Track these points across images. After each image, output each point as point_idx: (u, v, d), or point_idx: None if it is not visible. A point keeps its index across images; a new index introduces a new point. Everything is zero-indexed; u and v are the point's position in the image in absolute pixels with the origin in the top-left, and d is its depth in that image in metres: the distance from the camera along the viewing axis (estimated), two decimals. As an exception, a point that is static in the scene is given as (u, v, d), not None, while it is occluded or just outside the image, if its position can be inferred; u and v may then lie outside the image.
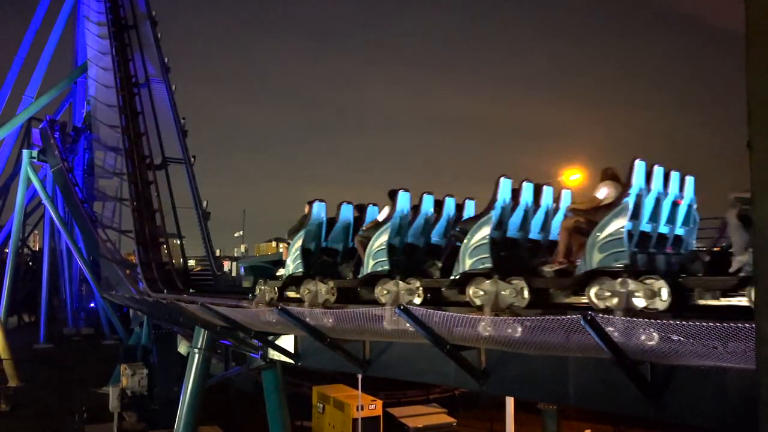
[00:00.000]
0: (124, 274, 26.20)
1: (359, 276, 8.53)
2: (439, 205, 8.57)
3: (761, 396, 3.60)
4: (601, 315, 5.33)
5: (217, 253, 35.73)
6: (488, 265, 6.86)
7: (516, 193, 7.27)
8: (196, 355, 16.40)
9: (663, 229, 6.55)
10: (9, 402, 26.91)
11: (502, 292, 6.57)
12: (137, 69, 35.52)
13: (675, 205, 6.67)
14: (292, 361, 12.00)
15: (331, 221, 9.56)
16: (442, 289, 7.66)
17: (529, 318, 5.92)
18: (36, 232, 62.47)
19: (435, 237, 8.47)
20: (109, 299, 33.73)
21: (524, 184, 7.35)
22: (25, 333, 46.95)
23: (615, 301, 5.84)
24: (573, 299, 6.62)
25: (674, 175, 6.62)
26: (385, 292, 7.99)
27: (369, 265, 8.26)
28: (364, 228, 8.93)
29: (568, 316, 5.38)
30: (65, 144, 37.28)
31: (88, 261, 36.74)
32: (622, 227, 5.93)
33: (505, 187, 7.13)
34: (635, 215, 6.09)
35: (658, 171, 6.32)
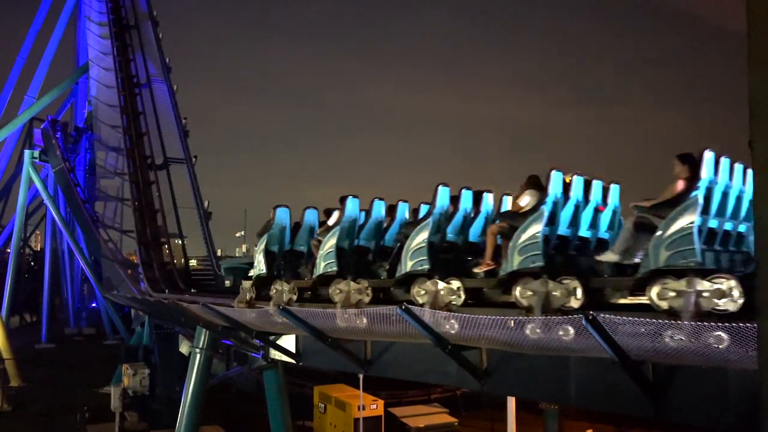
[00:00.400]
0: (125, 274, 26.25)
1: (314, 276, 9.13)
2: (393, 209, 9.00)
3: (763, 395, 3.60)
4: (602, 315, 5.30)
5: (219, 253, 35.81)
6: (426, 266, 7.42)
7: (455, 199, 7.81)
8: (198, 355, 16.40)
9: (585, 233, 6.80)
10: (11, 402, 26.96)
11: (441, 292, 7.07)
12: (138, 69, 35.59)
13: (597, 211, 6.94)
14: (293, 361, 12.01)
15: (296, 225, 10.15)
16: (391, 288, 8.24)
17: (529, 318, 5.93)
18: (38, 232, 62.63)
19: (387, 240, 9.01)
20: (111, 299, 33.78)
21: (463, 191, 7.86)
22: (26, 333, 46.99)
23: (535, 299, 6.20)
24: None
25: (596, 184, 6.89)
26: (338, 291, 8.53)
27: (321, 267, 8.80)
28: (318, 232, 9.52)
29: (569, 316, 5.38)
30: (67, 144, 37.31)
31: (90, 261, 36.74)
32: (538, 232, 6.27)
33: (443, 194, 7.74)
34: (552, 221, 6.43)
35: (577, 180, 6.67)
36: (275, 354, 12.80)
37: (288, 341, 12.06)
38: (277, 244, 9.95)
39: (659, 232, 5.64)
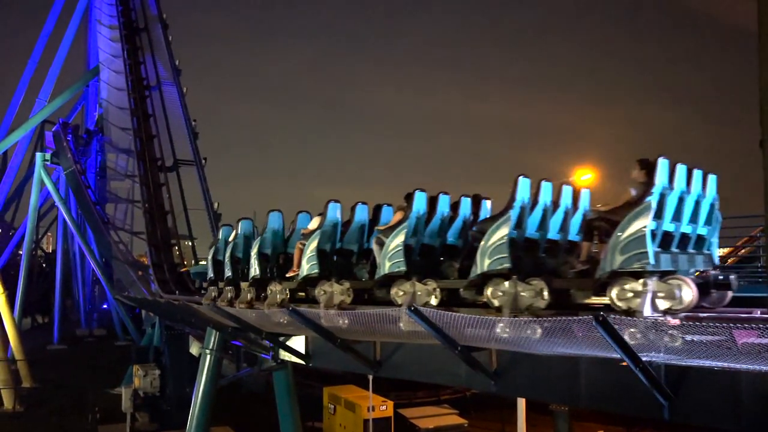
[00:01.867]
0: (136, 275, 26.38)
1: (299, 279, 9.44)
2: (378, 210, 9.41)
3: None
4: (613, 316, 5.29)
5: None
6: (403, 268, 7.66)
7: (433, 203, 8.00)
8: (208, 356, 16.49)
9: (554, 236, 7.16)
10: (23, 402, 27.19)
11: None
12: (148, 71, 35.76)
13: (567, 214, 7.27)
14: (303, 362, 12.04)
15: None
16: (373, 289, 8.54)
17: (545, 319, 5.91)
18: (49, 234, 63.15)
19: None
20: (122, 300, 33.98)
21: (440, 195, 8.04)
22: (38, 334, 47.35)
23: (505, 299, 6.50)
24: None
25: (566, 189, 7.16)
26: (322, 292, 8.81)
27: (305, 269, 9.12)
28: (302, 234, 9.73)
29: (581, 317, 5.36)
30: (78, 146, 37.50)
31: (101, 263, 36.96)
32: (505, 235, 6.60)
33: (419, 199, 7.88)
34: (519, 225, 6.77)
35: (545, 186, 6.90)
36: (285, 355, 12.84)
37: (297, 342, 12.09)
38: (270, 247, 10.37)
39: (615, 236, 5.89)
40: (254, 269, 10.28)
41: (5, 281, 30.03)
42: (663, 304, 5.66)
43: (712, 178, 6.88)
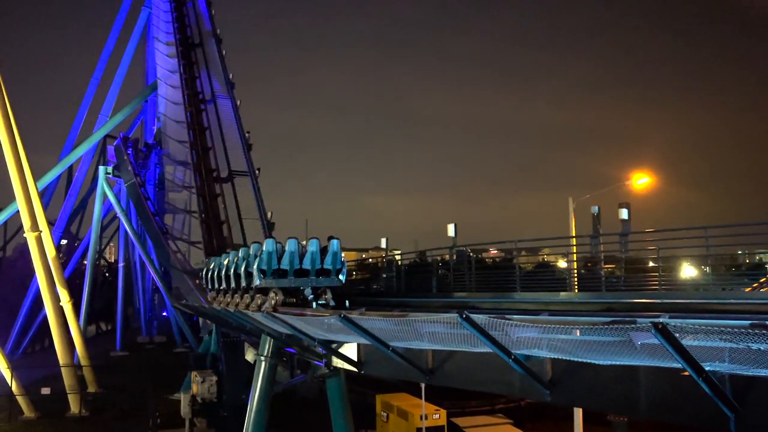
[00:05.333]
0: (193, 283, 27.01)
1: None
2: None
3: None
4: (672, 322, 5.10)
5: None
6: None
7: None
8: (263, 363, 16.74)
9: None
10: (89, 407, 28.23)
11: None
12: (203, 85, 36.80)
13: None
14: (355, 369, 12.08)
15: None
16: None
17: (595, 325, 5.76)
18: (111, 244, 65.43)
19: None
20: (180, 308, 34.87)
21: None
22: (102, 341, 49.17)
23: None
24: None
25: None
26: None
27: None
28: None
29: (638, 323, 5.20)
30: (137, 160, 38.76)
31: (160, 272, 38.02)
32: None
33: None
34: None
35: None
36: (337, 362, 12.92)
37: (350, 349, 12.15)
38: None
39: None
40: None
41: (71, 290, 31.23)
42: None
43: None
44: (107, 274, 65.37)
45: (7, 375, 26.89)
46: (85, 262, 45.20)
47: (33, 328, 44.47)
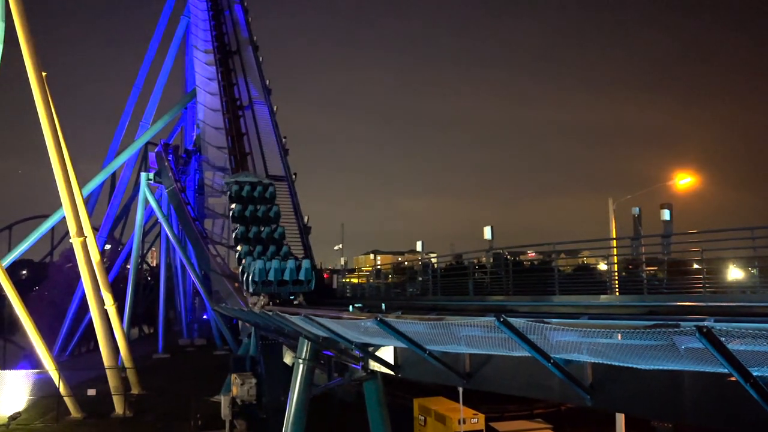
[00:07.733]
0: (232, 287, 27.44)
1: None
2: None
3: None
4: (718, 326, 4.96)
5: (319, 265, 36.70)
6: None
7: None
8: (301, 366, 16.88)
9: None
10: (132, 408, 28.89)
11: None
12: (241, 92, 37.44)
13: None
14: (392, 372, 12.08)
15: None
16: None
17: (637, 329, 5.64)
18: (153, 249, 66.95)
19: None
20: (220, 311, 35.45)
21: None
22: (145, 344, 50.30)
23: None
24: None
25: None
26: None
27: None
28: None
29: (682, 327, 5.07)
30: (178, 166, 39.52)
31: (200, 275, 38.68)
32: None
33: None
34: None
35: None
36: (374, 365, 12.94)
37: (387, 353, 12.15)
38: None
39: None
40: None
41: (115, 294, 32.02)
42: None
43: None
44: (149, 278, 66.82)
45: (55, 376, 27.70)
46: (128, 266, 46.30)
47: (79, 330, 45.85)
